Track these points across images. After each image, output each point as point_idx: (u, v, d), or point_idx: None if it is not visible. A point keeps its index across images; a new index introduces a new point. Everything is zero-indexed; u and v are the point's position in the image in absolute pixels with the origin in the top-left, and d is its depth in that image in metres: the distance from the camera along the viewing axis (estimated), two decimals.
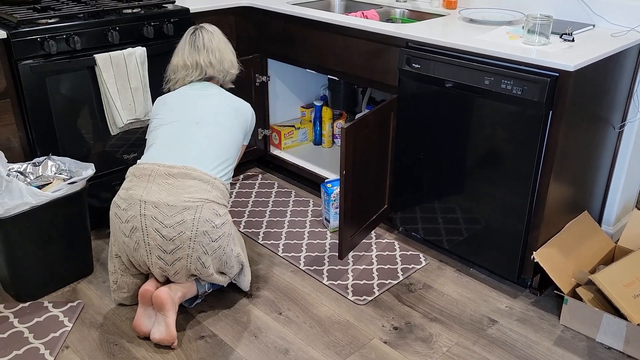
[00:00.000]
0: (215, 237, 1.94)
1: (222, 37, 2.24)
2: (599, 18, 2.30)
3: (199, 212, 1.90)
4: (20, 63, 2.21)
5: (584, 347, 1.98)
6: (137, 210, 1.90)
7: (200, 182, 1.95)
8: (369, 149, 2.31)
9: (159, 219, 1.88)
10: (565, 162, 2.07)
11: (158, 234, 1.89)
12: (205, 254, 1.94)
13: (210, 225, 1.92)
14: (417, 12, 2.80)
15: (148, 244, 1.91)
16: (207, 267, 1.96)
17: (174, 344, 1.96)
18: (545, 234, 2.14)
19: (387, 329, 2.07)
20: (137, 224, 1.90)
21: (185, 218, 1.88)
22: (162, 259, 1.92)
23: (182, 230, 1.88)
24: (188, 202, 1.90)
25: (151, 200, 1.90)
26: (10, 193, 2.03)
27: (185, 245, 1.90)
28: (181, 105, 2.12)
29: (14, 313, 2.12)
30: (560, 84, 1.89)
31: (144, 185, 1.94)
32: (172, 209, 1.88)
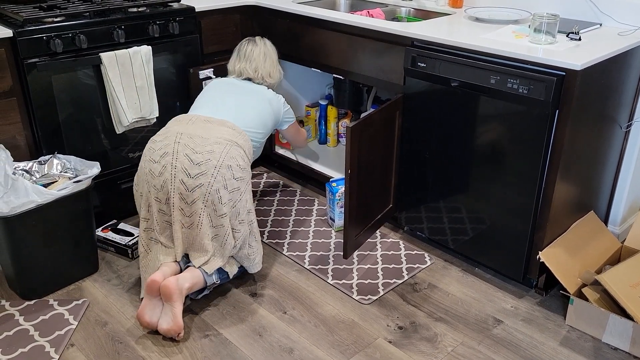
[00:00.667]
0: (237, 176, 2.07)
1: (265, 49, 2.50)
2: (605, 17, 2.29)
3: (228, 148, 2.09)
4: (26, 62, 2.22)
5: (589, 348, 1.97)
6: (172, 139, 2.08)
7: (234, 131, 2.17)
8: (374, 148, 2.30)
9: (191, 146, 2.05)
10: (572, 161, 2.06)
11: (187, 158, 2.03)
12: (225, 189, 2.03)
13: (235, 162, 2.08)
14: (423, 10, 2.80)
15: (175, 167, 2.02)
16: (223, 203, 2.03)
17: (181, 334, 1.98)
18: (551, 233, 2.13)
19: (391, 328, 2.06)
20: (169, 149, 2.06)
21: (214, 149, 2.06)
22: (184, 183, 2.01)
23: (210, 158, 2.04)
24: (220, 139, 2.10)
25: (188, 132, 2.10)
26: (16, 191, 2.04)
27: (209, 172, 2.02)
28: (224, 84, 2.40)
29: (20, 311, 2.13)
30: (567, 83, 1.88)
31: (184, 124, 2.15)
32: (205, 140, 2.08)
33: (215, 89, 2.37)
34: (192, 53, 2.71)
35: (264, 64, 2.46)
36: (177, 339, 1.99)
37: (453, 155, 2.25)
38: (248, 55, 2.46)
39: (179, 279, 2.00)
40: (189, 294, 2.11)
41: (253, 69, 2.44)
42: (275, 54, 2.54)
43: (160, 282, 1.99)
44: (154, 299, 2.01)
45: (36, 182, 2.22)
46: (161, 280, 1.99)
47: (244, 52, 2.47)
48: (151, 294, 2.00)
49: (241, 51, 2.48)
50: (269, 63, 2.48)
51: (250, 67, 2.44)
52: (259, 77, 2.45)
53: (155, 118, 2.59)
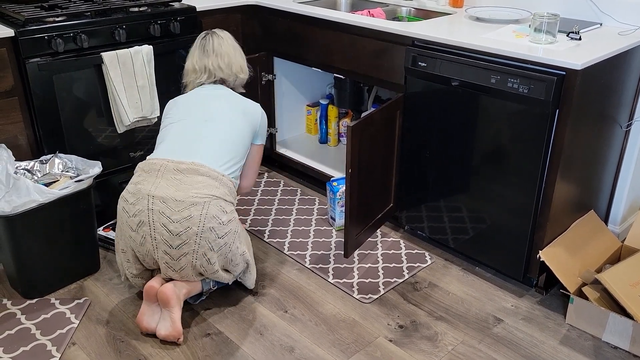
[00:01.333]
0: (221, 234, 1.95)
1: (233, 42, 2.26)
2: (606, 16, 2.29)
3: (206, 208, 1.91)
4: (27, 61, 2.23)
5: (589, 347, 1.98)
6: (144, 205, 1.91)
7: (208, 179, 1.97)
8: (374, 148, 2.31)
9: (167, 213, 1.89)
10: (572, 161, 2.06)
11: (165, 229, 1.90)
12: (211, 250, 1.95)
13: (217, 221, 1.93)
14: (424, 10, 2.80)
15: (155, 239, 1.92)
16: (213, 263, 1.97)
17: (180, 339, 1.97)
18: (551, 233, 2.14)
19: (392, 327, 2.07)
20: (145, 218, 1.91)
21: (192, 214, 1.90)
22: (168, 253, 1.93)
23: (189, 226, 1.89)
24: (196, 198, 1.91)
25: (159, 195, 1.91)
26: (17, 191, 2.04)
27: (191, 240, 1.91)
28: (191, 105, 2.15)
29: (21, 310, 2.13)
30: (567, 83, 1.89)
31: (153, 180, 1.95)
32: (179, 204, 1.90)
33: (182, 116, 2.11)
34: None
35: (236, 57, 2.22)
36: (177, 343, 2.00)
37: (453, 154, 2.26)
38: (217, 50, 2.18)
39: (176, 285, 2.00)
40: (187, 298, 2.10)
41: (226, 64, 2.19)
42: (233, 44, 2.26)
43: (157, 287, 1.98)
44: (152, 304, 2.01)
45: (38, 181, 2.22)
46: (158, 286, 1.98)
47: (211, 46, 2.19)
48: (149, 300, 2.00)
49: (207, 45, 2.19)
50: (239, 55, 2.24)
51: (222, 62, 2.18)
52: (232, 74, 2.21)
53: (157, 117, 2.59)
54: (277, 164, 3.24)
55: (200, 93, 2.19)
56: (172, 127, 2.11)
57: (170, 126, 2.12)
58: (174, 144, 2.05)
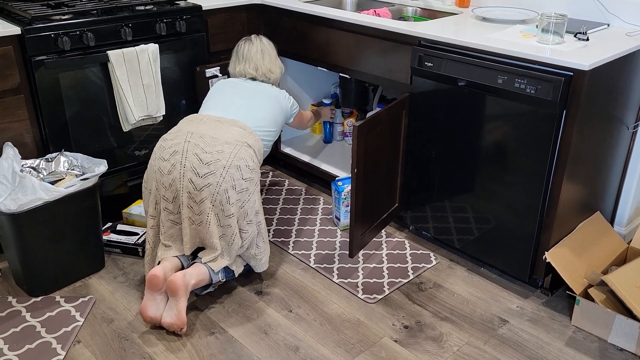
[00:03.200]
0: (246, 177, 2.07)
1: (262, 46, 2.46)
2: (613, 17, 2.28)
3: (238, 149, 2.08)
4: (34, 59, 2.23)
5: (595, 348, 1.97)
6: (182, 138, 2.09)
7: (244, 131, 2.17)
8: (380, 147, 2.30)
9: (201, 145, 2.06)
10: (578, 162, 2.06)
11: (196, 158, 2.03)
12: (233, 189, 2.03)
13: (244, 163, 2.08)
14: (430, 10, 2.79)
15: (184, 166, 2.03)
16: (231, 204, 2.03)
17: (183, 329, 1.99)
18: (557, 234, 2.13)
19: (397, 327, 2.07)
20: (179, 148, 2.06)
21: (224, 149, 2.06)
22: (193, 182, 2.02)
23: (219, 158, 2.04)
24: (230, 139, 2.10)
25: (198, 132, 2.10)
26: (23, 189, 2.04)
27: (218, 172, 2.02)
28: (230, 85, 2.40)
29: (27, 307, 2.14)
30: (575, 84, 1.88)
31: (196, 124, 2.16)
32: (215, 140, 2.08)
33: (224, 90, 2.37)
34: (199, 51, 2.71)
35: (263, 61, 2.43)
36: (179, 334, 2.01)
37: (459, 155, 2.25)
38: (246, 55, 2.43)
39: (186, 275, 2.01)
40: (195, 289, 2.12)
41: (253, 68, 2.42)
42: (273, 49, 2.49)
43: (160, 276, 2.00)
44: (155, 293, 2.02)
45: (43, 179, 2.22)
46: (161, 275, 2.00)
47: (242, 52, 2.44)
48: (152, 289, 2.01)
49: (239, 52, 2.46)
50: (268, 59, 2.45)
51: (250, 66, 2.42)
52: (261, 75, 2.43)
53: (162, 116, 2.59)
54: (282, 163, 3.24)
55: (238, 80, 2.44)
56: (213, 98, 2.35)
57: (211, 98, 2.36)
58: (216, 106, 2.29)
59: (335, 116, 3.23)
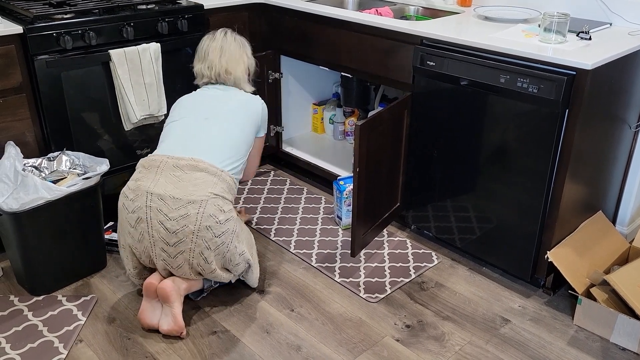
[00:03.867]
0: (218, 233, 1.94)
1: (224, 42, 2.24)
2: (616, 16, 2.28)
3: (204, 206, 1.91)
4: (35, 58, 2.23)
5: (597, 348, 1.97)
6: (143, 202, 1.93)
7: (207, 175, 1.97)
8: (382, 147, 2.30)
9: (164, 211, 1.90)
10: (581, 161, 2.05)
11: (162, 226, 1.91)
12: (208, 249, 1.94)
13: (213, 220, 1.92)
14: (432, 9, 2.79)
15: (152, 236, 1.93)
16: (210, 262, 1.97)
17: (183, 333, 1.98)
18: (559, 233, 2.13)
19: (399, 327, 2.06)
20: (143, 215, 1.92)
21: (189, 212, 1.90)
22: (165, 251, 1.94)
23: (186, 224, 1.90)
24: (193, 196, 1.92)
25: (157, 192, 1.92)
26: (25, 188, 2.04)
27: (187, 239, 1.91)
28: (193, 104, 2.19)
29: (28, 306, 2.14)
30: (577, 83, 1.88)
31: (152, 177, 1.97)
32: (177, 202, 1.91)
33: (181, 113, 2.16)
34: None
35: (219, 60, 2.21)
36: (181, 337, 2.00)
37: (461, 154, 2.25)
38: (204, 54, 2.24)
39: (175, 280, 2.00)
40: (189, 294, 2.11)
41: (207, 67, 2.22)
42: (239, 47, 2.26)
43: (156, 284, 1.99)
44: (152, 300, 2.01)
45: (45, 178, 2.22)
46: (157, 282, 1.99)
47: (202, 50, 2.25)
48: (149, 296, 2.01)
49: (200, 50, 2.26)
50: (226, 58, 2.22)
51: (205, 66, 2.23)
52: (214, 77, 2.22)
53: (164, 115, 2.59)
54: (283, 162, 3.23)
55: (203, 93, 2.23)
56: (174, 125, 2.14)
57: (172, 124, 2.15)
58: (175, 141, 2.07)
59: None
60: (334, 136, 3.35)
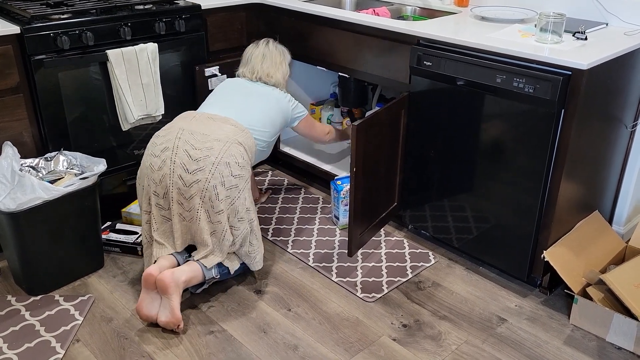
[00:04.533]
0: (235, 173, 2.07)
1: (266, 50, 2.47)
2: (612, 16, 2.29)
3: (228, 146, 2.09)
4: (33, 58, 2.23)
5: (594, 347, 1.98)
6: (174, 135, 2.11)
7: (236, 128, 2.18)
8: (379, 147, 2.31)
9: (191, 142, 2.08)
10: (577, 161, 2.06)
11: (186, 154, 2.06)
12: (222, 185, 2.04)
13: (234, 160, 2.08)
14: (429, 9, 2.80)
15: (173, 162, 2.05)
16: (220, 200, 2.04)
17: (180, 326, 2.00)
18: (555, 233, 2.13)
19: (396, 326, 2.07)
20: (170, 144, 2.09)
21: (214, 146, 2.07)
22: (182, 178, 2.04)
23: (209, 155, 2.05)
24: (220, 136, 2.11)
25: (189, 129, 2.13)
26: (22, 188, 2.05)
27: (207, 168, 2.03)
28: (232, 84, 2.42)
29: (26, 306, 2.14)
30: (573, 83, 1.88)
31: (188, 121, 2.18)
32: (205, 137, 2.10)
33: (224, 88, 2.40)
34: (198, 51, 2.72)
35: (261, 65, 2.43)
36: (176, 331, 2.02)
37: (458, 154, 2.25)
38: (247, 59, 2.47)
39: (175, 272, 2.02)
40: (189, 287, 2.13)
41: (250, 71, 2.44)
42: (279, 54, 2.49)
43: (156, 275, 2.01)
44: (151, 292, 2.03)
45: (42, 178, 2.22)
46: (157, 274, 2.01)
47: (246, 56, 2.49)
48: (148, 287, 2.03)
49: (244, 55, 2.50)
50: (267, 64, 2.44)
51: (247, 69, 2.45)
52: (257, 78, 2.43)
53: (161, 115, 2.59)
54: (281, 162, 3.24)
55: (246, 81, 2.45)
56: (212, 95, 2.39)
57: (213, 93, 2.40)
58: (213, 104, 2.31)
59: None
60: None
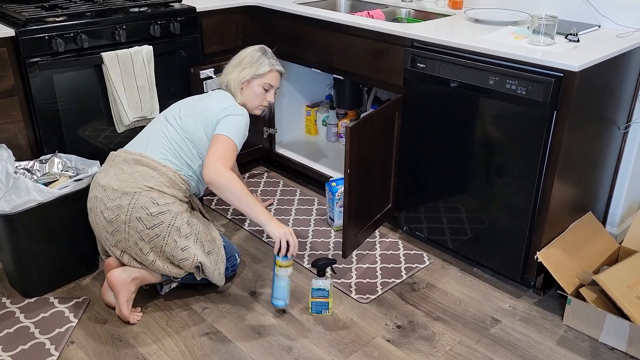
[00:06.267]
0: (150, 225, 1.99)
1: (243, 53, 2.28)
2: (604, 18, 2.30)
3: (136, 198, 1.99)
4: (28, 61, 2.23)
5: (587, 348, 1.98)
6: (94, 193, 2.08)
7: (147, 168, 2.06)
8: (373, 148, 2.31)
9: (104, 201, 2.03)
10: (570, 162, 2.07)
11: (102, 215, 2.03)
12: (142, 240, 2.00)
13: (145, 212, 1.98)
14: (423, 12, 2.81)
15: (97, 224, 2.06)
16: (146, 254, 2.02)
17: (129, 321, 2.06)
18: (549, 234, 2.14)
19: (390, 327, 2.07)
20: (92, 204, 2.08)
21: (122, 202, 2.00)
22: (107, 239, 2.05)
23: (118, 214, 2.00)
24: (127, 188, 2.01)
25: (102, 184, 2.06)
26: (17, 190, 2.05)
27: (121, 228, 2.00)
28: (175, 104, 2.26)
29: (20, 308, 2.14)
30: (565, 84, 1.89)
31: (107, 169, 2.11)
32: (114, 192, 2.02)
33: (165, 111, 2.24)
34: (193, 53, 2.72)
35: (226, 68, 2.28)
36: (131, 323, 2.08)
37: (452, 155, 2.26)
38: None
39: (125, 270, 2.05)
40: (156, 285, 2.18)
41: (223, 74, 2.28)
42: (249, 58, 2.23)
43: (113, 265, 2.07)
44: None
45: (37, 180, 2.23)
46: (115, 265, 2.07)
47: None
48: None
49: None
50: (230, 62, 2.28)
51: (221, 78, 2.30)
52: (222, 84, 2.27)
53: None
54: (277, 164, 3.24)
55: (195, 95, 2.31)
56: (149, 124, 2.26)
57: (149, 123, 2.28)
58: (138, 136, 2.21)
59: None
60: (327, 138, 3.36)
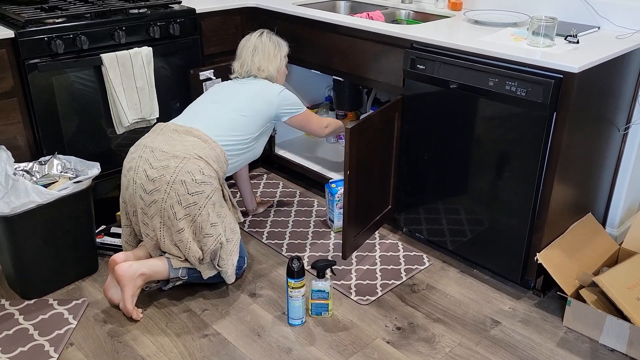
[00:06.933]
0: (192, 191, 2.02)
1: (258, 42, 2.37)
2: (604, 20, 2.30)
3: (184, 162, 2.03)
4: (27, 62, 2.23)
5: (587, 349, 1.98)
6: (138, 153, 2.10)
7: (198, 140, 2.11)
8: (373, 150, 2.31)
9: (150, 160, 2.06)
10: (570, 163, 2.07)
11: (144, 174, 2.04)
12: (179, 204, 2.01)
13: (190, 177, 2.02)
14: (422, 13, 2.81)
15: (135, 182, 2.07)
16: (179, 219, 2.03)
17: (133, 317, 2.07)
18: (549, 235, 2.14)
19: (390, 329, 2.07)
20: (133, 163, 2.09)
21: (170, 164, 2.03)
22: (143, 199, 2.05)
23: (163, 174, 2.02)
24: (178, 152, 2.05)
25: (150, 146, 2.10)
26: (16, 192, 2.05)
27: (162, 188, 2.01)
28: (212, 90, 2.36)
29: (19, 310, 2.14)
30: (565, 86, 1.89)
31: (154, 136, 2.15)
32: (163, 154, 2.06)
33: (204, 95, 2.35)
34: (193, 54, 2.72)
35: (252, 59, 2.34)
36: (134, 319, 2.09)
37: (452, 157, 2.26)
38: (239, 53, 2.39)
39: (133, 265, 2.05)
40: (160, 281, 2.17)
41: (240, 65, 2.37)
42: (273, 46, 2.38)
43: (119, 261, 2.06)
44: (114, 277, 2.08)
45: (36, 182, 2.23)
46: (120, 261, 2.07)
47: (238, 49, 2.41)
48: (111, 272, 2.08)
49: (237, 49, 2.42)
50: (259, 57, 2.35)
51: (239, 64, 2.37)
52: (246, 73, 2.36)
53: (156, 119, 2.60)
54: (276, 165, 3.24)
55: (227, 83, 2.38)
56: (195, 101, 2.34)
57: (195, 100, 2.35)
58: (186, 113, 2.27)
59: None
60: (326, 139, 3.36)
